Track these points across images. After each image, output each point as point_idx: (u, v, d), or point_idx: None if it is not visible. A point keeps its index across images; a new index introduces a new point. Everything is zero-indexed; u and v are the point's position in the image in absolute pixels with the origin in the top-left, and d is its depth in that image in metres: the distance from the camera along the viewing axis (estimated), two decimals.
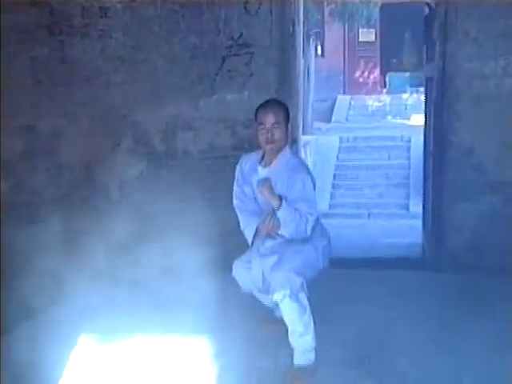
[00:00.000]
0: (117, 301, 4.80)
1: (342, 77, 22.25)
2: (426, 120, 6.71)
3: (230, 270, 4.15)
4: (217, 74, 5.62)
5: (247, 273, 4.03)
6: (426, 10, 7.38)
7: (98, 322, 4.52)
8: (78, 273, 4.77)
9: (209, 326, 4.40)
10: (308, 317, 3.76)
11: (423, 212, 6.88)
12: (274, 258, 3.84)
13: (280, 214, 3.76)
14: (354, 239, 8.64)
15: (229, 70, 5.61)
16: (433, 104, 6.07)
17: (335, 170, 13.52)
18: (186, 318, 4.45)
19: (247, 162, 4.16)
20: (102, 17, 5.44)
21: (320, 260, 3.96)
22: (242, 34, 5.58)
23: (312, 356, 3.82)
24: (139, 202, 5.60)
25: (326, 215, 10.32)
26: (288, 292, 3.65)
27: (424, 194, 6.87)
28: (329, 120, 18.71)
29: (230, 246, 4.67)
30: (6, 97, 4.71)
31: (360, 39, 22.29)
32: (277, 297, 3.69)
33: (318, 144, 14.63)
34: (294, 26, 6.77)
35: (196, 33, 5.57)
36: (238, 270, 4.11)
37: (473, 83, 5.57)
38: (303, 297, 3.73)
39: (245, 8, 5.55)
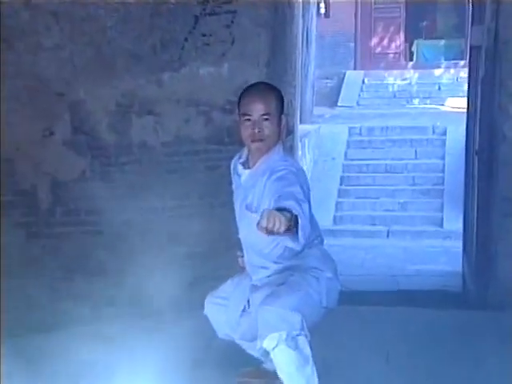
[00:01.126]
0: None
1: (352, 45, 22.43)
2: (469, 105, 6.78)
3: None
4: (186, 40, 5.65)
5: (222, 312, 4.04)
6: None
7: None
8: None
9: None
10: (311, 369, 3.74)
11: (464, 230, 6.94)
12: (264, 292, 3.85)
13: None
14: (368, 265, 8.74)
15: (203, 35, 5.63)
16: (480, 83, 6.14)
17: (343, 171, 13.62)
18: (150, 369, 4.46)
19: (235, 161, 4.16)
20: None
21: (323, 297, 3.98)
22: None
23: None
24: (79, 211, 5.61)
25: (329, 232, 10.34)
26: (284, 336, 3.62)
27: (465, 206, 6.93)
28: (334, 104, 18.86)
29: (205, 269, 4.69)
30: None
31: None
32: (268, 343, 3.63)
33: (320, 136, 14.72)
34: None
35: None
36: (211, 308, 4.11)
37: None
38: (304, 342, 3.69)
39: None
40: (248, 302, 3.98)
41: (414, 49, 22.55)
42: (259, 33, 5.64)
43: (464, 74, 18.11)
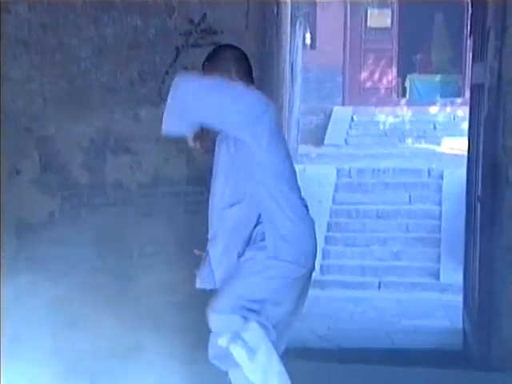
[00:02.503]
0: None
1: (340, 79, 22.52)
2: (470, 147, 6.85)
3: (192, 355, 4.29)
4: (167, 73, 5.73)
5: None
6: None
7: None
8: None
9: None
10: (264, 355, 3.96)
11: (465, 283, 6.98)
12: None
13: None
14: (358, 320, 8.75)
15: (185, 67, 5.70)
16: (483, 122, 6.22)
17: (330, 216, 13.62)
18: None
19: None
20: None
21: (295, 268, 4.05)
22: (205, 16, 5.72)
23: None
24: (47, 259, 5.62)
25: (315, 283, 10.31)
26: (228, 337, 3.94)
27: (466, 256, 6.97)
28: (321, 142, 18.89)
29: (183, 321, 4.72)
30: None
31: (369, 24, 22.69)
32: (221, 343, 3.97)
33: (306, 177, 14.72)
34: (278, 6, 6.95)
35: (138, 11, 5.70)
36: None
37: None
38: (250, 335, 3.95)
39: None
40: None
41: (407, 84, 22.61)
42: None
43: (462, 112, 18.33)
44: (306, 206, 4.21)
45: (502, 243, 5.90)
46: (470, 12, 6.78)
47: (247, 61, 4.28)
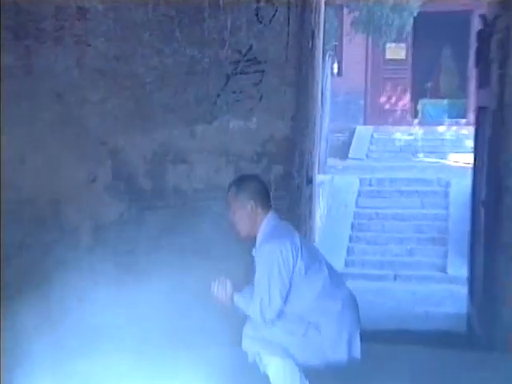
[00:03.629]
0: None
1: (362, 102, 22.45)
2: (475, 160, 6.82)
3: (235, 338, 4.29)
4: (219, 96, 5.70)
5: None
6: (476, 22, 7.57)
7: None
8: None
9: None
10: (277, 367, 4.10)
11: (470, 276, 6.95)
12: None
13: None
14: (378, 307, 8.71)
15: (234, 92, 5.68)
16: (487, 140, 6.19)
17: (354, 218, 13.64)
18: None
19: None
20: (79, 19, 5.58)
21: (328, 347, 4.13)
22: (251, 48, 5.67)
23: None
24: (117, 251, 5.65)
25: None
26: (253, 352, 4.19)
27: (471, 253, 6.95)
28: (345, 156, 18.88)
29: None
30: None
31: (387, 56, 22.55)
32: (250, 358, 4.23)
33: (334, 185, 14.76)
34: (313, 39, 6.93)
35: (195, 44, 5.67)
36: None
37: None
38: (267, 357, 4.13)
39: (256, 15, 5.65)
40: None
41: (419, 107, 22.52)
42: (285, 90, 5.65)
43: (466, 131, 18.22)
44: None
45: (503, 241, 5.87)
46: (476, 45, 6.72)
47: (266, 189, 4.36)
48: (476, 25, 12.85)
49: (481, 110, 6.64)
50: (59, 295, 5.39)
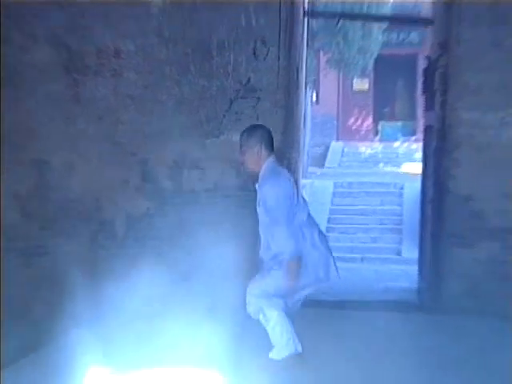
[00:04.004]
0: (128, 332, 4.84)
1: (335, 123, 22.49)
2: (424, 167, 6.79)
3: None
4: (224, 116, 5.69)
5: None
6: (421, 61, 7.55)
7: (110, 353, 4.51)
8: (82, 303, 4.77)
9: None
10: (275, 322, 4.24)
11: (420, 257, 6.91)
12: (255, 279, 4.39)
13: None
14: (348, 282, 8.64)
15: (236, 112, 5.67)
16: (432, 152, 6.17)
17: (330, 213, 13.55)
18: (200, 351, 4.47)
19: None
20: (115, 57, 5.57)
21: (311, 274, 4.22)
22: (249, 79, 5.66)
23: (287, 350, 4.27)
24: (145, 238, 5.63)
25: None
26: (257, 309, 4.28)
27: (421, 239, 6.92)
28: (322, 165, 18.86)
29: (241, 281, 4.67)
30: (19, 129, 4.80)
31: (354, 88, 22.61)
32: (252, 314, 4.33)
33: (314, 187, 14.73)
34: (298, 73, 6.91)
35: (205, 75, 5.67)
36: None
37: (472, 133, 5.69)
38: (268, 311, 4.24)
39: (253, 53, 5.65)
40: None
41: (379, 127, 22.51)
42: (276, 111, 5.66)
43: (415, 146, 18.22)
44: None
45: (446, 230, 5.87)
46: (422, 79, 6.68)
47: (271, 137, 4.38)
48: (421, 63, 12.91)
49: (427, 129, 6.61)
50: (101, 273, 5.33)
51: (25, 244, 4.90)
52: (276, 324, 4.25)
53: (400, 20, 14.30)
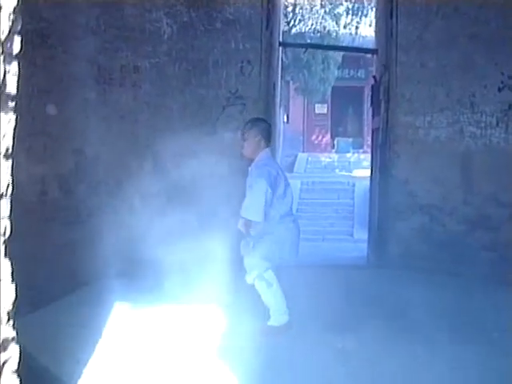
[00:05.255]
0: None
1: (301, 138, 22.61)
2: (372, 159, 6.90)
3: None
4: (218, 118, 5.77)
5: None
6: (367, 91, 7.68)
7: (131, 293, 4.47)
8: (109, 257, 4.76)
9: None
10: (275, 288, 3.84)
11: (369, 228, 7.01)
12: (250, 243, 3.91)
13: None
14: (313, 254, 8.74)
15: (227, 116, 5.75)
16: (378, 147, 6.29)
17: (298, 205, 13.62)
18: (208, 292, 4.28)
19: None
20: (135, 72, 5.64)
21: (286, 250, 3.97)
22: (237, 90, 5.76)
23: (283, 319, 3.89)
24: (156, 212, 5.61)
25: None
26: (256, 274, 3.82)
27: (370, 215, 7.02)
28: (292, 171, 18.89)
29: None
30: (64, 127, 4.85)
31: (316, 111, 22.75)
32: (249, 278, 3.85)
33: None
34: (274, 87, 7.02)
35: (203, 87, 5.74)
36: None
37: (408, 132, 5.82)
38: (268, 275, 3.82)
39: (241, 71, 5.77)
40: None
41: (335, 142, 22.58)
42: (258, 115, 5.62)
43: (363, 156, 18.31)
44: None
45: (389, 206, 5.97)
46: (370, 93, 6.82)
47: (270, 131, 4.20)
48: (367, 93, 13.08)
49: (374, 130, 6.73)
50: (121, 240, 5.31)
51: (64, 214, 4.93)
52: (277, 291, 3.88)
53: (352, 49, 14.43)
